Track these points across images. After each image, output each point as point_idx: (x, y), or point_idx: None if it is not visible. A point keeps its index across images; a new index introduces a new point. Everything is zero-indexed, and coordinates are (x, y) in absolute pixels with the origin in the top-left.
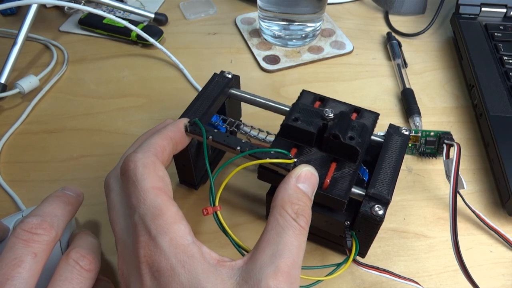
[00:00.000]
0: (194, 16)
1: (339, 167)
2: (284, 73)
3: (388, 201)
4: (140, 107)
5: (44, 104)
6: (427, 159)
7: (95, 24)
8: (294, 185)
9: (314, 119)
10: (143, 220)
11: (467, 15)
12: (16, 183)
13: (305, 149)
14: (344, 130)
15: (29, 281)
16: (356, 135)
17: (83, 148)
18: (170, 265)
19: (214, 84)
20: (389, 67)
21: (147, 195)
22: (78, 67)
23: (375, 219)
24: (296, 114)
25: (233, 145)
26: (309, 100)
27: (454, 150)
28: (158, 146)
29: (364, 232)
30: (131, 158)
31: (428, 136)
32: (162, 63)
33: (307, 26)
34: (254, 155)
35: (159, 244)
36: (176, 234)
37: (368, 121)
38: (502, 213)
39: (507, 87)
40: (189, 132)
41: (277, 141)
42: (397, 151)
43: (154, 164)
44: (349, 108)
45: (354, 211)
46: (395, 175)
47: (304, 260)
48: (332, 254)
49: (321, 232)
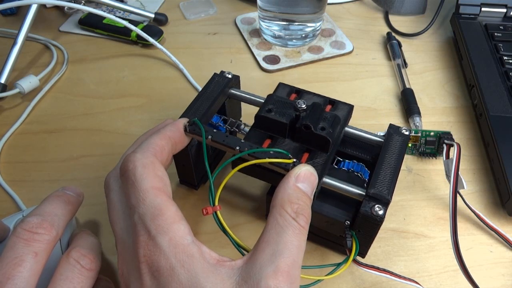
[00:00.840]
0: (194, 16)
1: (311, 157)
2: (284, 73)
3: (388, 201)
4: (140, 107)
5: (44, 104)
6: (427, 159)
7: (95, 24)
8: (293, 185)
9: (287, 110)
10: (142, 220)
11: (467, 15)
12: (16, 183)
13: (279, 140)
14: (315, 121)
15: (30, 280)
16: (327, 126)
17: (83, 148)
18: (169, 264)
19: (214, 84)
20: (389, 67)
21: (146, 195)
22: (78, 67)
23: (376, 219)
24: (269, 105)
25: (232, 145)
26: (285, 92)
27: (454, 150)
28: (157, 146)
29: (364, 232)
30: (130, 159)
31: (428, 136)
32: (162, 63)
33: (307, 26)
34: (253, 154)
35: (159, 244)
36: (175, 234)
37: (341, 112)
38: (502, 213)
39: (507, 87)
40: (189, 132)
41: (252, 132)
42: (397, 151)
43: (153, 164)
44: (324, 100)
45: (355, 211)
46: (395, 175)
47: (304, 259)
48: (332, 254)
49: (321, 232)
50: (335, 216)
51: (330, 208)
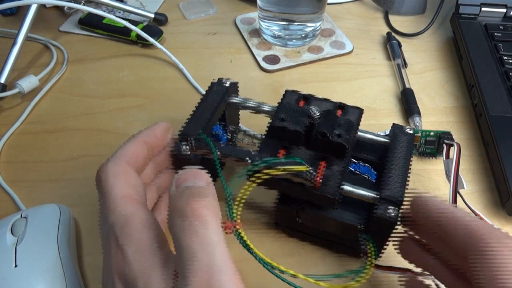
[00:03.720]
0: (194, 16)
1: (328, 164)
2: (284, 73)
3: (402, 202)
4: (140, 107)
5: (44, 104)
6: (427, 159)
7: (95, 24)
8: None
9: (300, 118)
10: (113, 230)
11: (467, 15)
12: (16, 183)
13: (293, 149)
14: (331, 128)
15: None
16: (343, 132)
17: (83, 148)
18: (133, 274)
19: (213, 93)
20: (389, 67)
21: (117, 204)
22: (78, 67)
23: (390, 221)
24: (282, 114)
25: (242, 157)
26: (293, 99)
27: (454, 150)
28: (130, 152)
29: (378, 235)
30: (102, 169)
31: (428, 136)
32: (162, 63)
33: (307, 26)
34: (267, 165)
35: (125, 252)
36: (141, 242)
37: (353, 117)
38: (502, 213)
39: (507, 87)
40: (195, 148)
41: (265, 143)
42: (405, 151)
43: (125, 173)
44: (334, 105)
45: (367, 214)
46: (405, 175)
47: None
48: (340, 257)
49: (330, 236)
50: (348, 221)
51: (341, 213)
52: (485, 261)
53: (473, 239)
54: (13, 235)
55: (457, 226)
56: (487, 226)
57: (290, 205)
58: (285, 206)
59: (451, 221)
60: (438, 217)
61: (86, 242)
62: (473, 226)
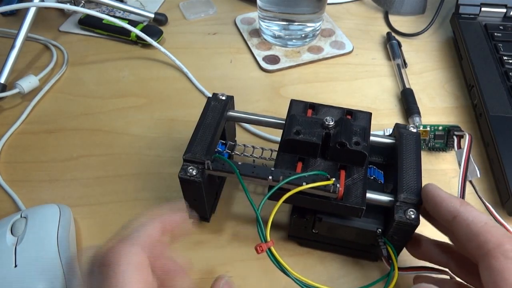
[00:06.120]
0: (194, 16)
1: (348, 174)
2: (284, 73)
3: (420, 203)
4: (140, 107)
5: (44, 104)
6: (437, 153)
7: (95, 24)
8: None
9: (315, 129)
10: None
11: (467, 15)
12: (16, 183)
13: (310, 161)
14: (348, 137)
15: None
16: (360, 140)
17: (83, 148)
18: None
19: (211, 110)
20: (389, 67)
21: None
22: (77, 67)
23: (411, 223)
24: (296, 126)
25: (264, 176)
26: (300, 109)
27: (466, 140)
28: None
29: (398, 238)
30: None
31: (436, 130)
32: (162, 63)
33: (307, 26)
34: (290, 182)
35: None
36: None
37: (364, 122)
38: (502, 213)
39: (507, 87)
40: (212, 169)
41: (280, 157)
42: (414, 150)
43: (141, 265)
44: (342, 111)
45: (383, 217)
46: (419, 175)
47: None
48: (356, 262)
49: (345, 242)
50: (366, 226)
51: (357, 219)
52: (492, 276)
53: (482, 250)
54: (13, 235)
55: (468, 235)
56: (495, 238)
57: (305, 217)
58: (301, 219)
59: (462, 228)
60: (451, 223)
61: (86, 242)
62: (482, 238)
